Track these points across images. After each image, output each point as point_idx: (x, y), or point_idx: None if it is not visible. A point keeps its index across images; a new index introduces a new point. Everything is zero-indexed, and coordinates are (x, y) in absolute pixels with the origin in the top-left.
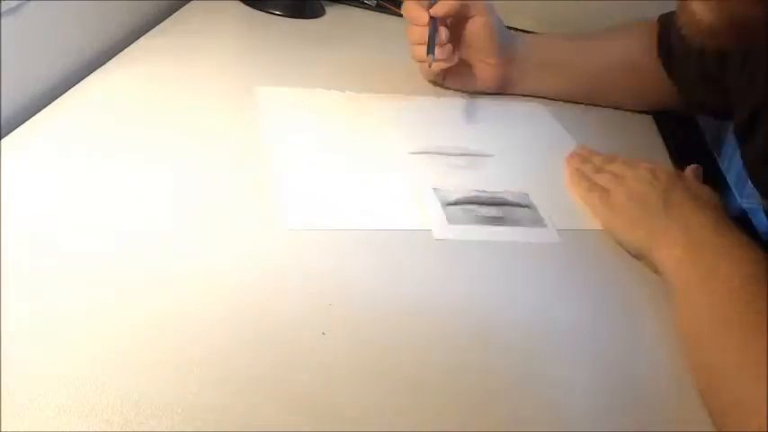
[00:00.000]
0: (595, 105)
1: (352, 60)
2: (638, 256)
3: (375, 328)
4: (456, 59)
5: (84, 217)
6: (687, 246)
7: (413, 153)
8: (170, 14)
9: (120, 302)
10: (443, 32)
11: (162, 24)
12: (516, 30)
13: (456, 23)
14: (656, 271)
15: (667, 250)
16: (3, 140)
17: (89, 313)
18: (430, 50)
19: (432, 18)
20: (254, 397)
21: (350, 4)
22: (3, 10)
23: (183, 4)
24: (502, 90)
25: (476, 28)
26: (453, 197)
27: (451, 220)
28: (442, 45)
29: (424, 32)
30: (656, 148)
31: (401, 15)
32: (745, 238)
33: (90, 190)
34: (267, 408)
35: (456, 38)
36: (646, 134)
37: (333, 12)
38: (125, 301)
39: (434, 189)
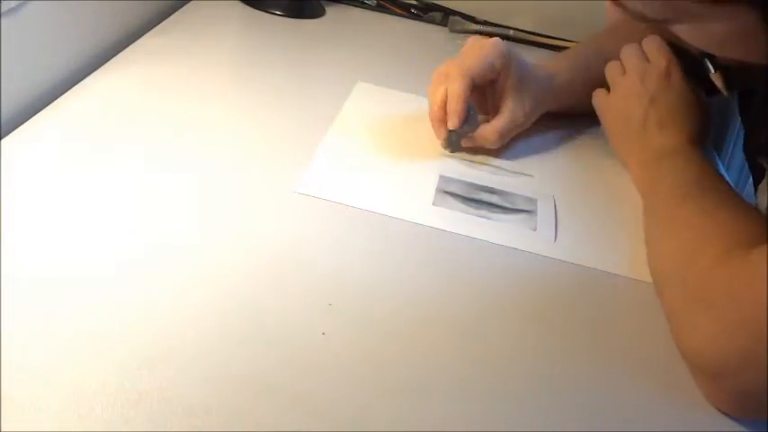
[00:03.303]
0: None
1: (352, 60)
2: (618, 154)
3: (375, 328)
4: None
5: (84, 217)
6: (646, 162)
7: (446, 155)
8: (170, 14)
9: (120, 302)
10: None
11: (162, 24)
12: (516, 30)
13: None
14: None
15: (635, 166)
16: (3, 140)
17: (89, 313)
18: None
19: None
20: (254, 397)
21: (350, 4)
22: (3, 10)
23: (183, 4)
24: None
25: (502, 89)
26: (453, 186)
27: (437, 202)
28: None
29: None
30: None
31: (401, 15)
32: (693, 160)
33: (90, 189)
34: (267, 408)
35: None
36: None
37: (333, 12)
38: (125, 301)
39: (441, 176)
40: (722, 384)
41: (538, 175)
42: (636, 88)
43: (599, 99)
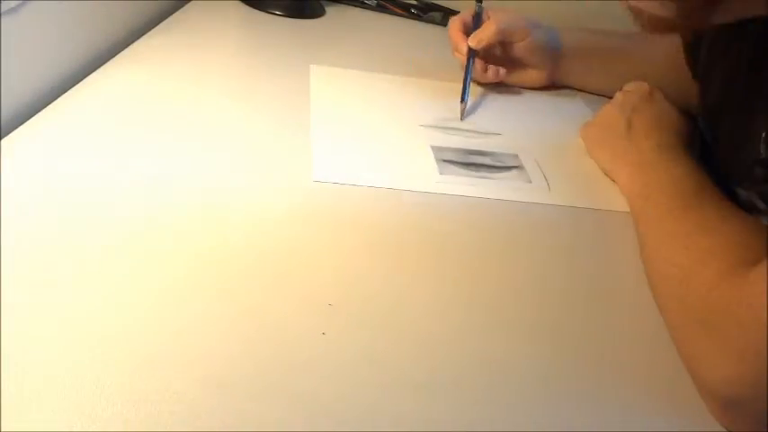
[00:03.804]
0: None
1: (352, 60)
2: (606, 173)
3: (375, 328)
4: (501, 77)
5: (84, 216)
6: (637, 164)
7: (422, 126)
8: (170, 14)
9: (121, 302)
10: (479, 65)
11: (162, 24)
12: None
13: (502, 45)
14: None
15: (623, 169)
16: (3, 140)
17: (89, 313)
18: (463, 97)
19: (470, 48)
20: (254, 397)
21: (350, 4)
22: (3, 10)
23: (183, 4)
24: (551, 84)
25: (521, 51)
26: (448, 154)
27: (443, 170)
28: (478, 75)
29: (463, 61)
30: None
31: (401, 15)
32: (683, 158)
33: (90, 189)
34: (267, 408)
35: (504, 56)
36: None
37: (333, 12)
38: (125, 302)
39: (432, 147)
40: (735, 411)
41: (505, 132)
42: (618, 101)
43: (582, 128)
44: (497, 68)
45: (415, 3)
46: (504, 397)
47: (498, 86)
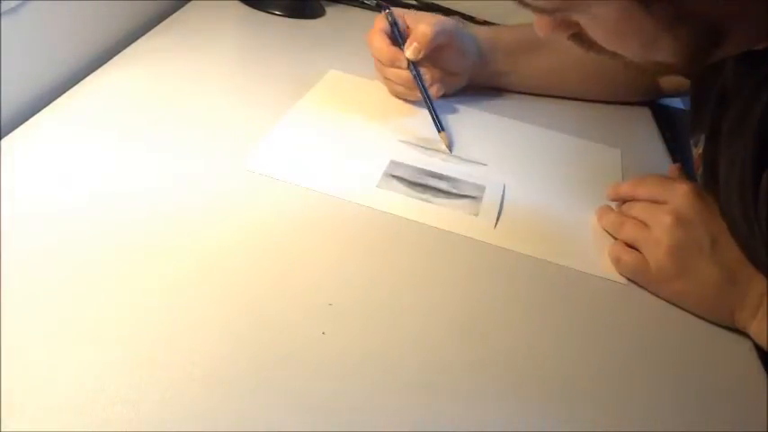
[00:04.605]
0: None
1: (352, 60)
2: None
3: (375, 328)
4: (441, 92)
5: (84, 216)
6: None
7: (401, 141)
8: (170, 14)
9: (121, 302)
10: (428, 74)
11: (162, 24)
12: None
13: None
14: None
15: (754, 321)
16: (3, 140)
17: (89, 313)
18: (438, 125)
19: (411, 62)
20: (254, 397)
21: (350, 4)
22: (3, 10)
23: (183, 4)
24: (471, 86)
25: (451, 56)
26: (400, 170)
27: (382, 184)
28: (428, 86)
29: (402, 75)
30: (652, 141)
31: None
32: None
33: (90, 189)
34: (267, 407)
35: (430, 63)
36: (643, 125)
37: (333, 12)
38: (125, 302)
39: (392, 161)
40: None
41: (492, 163)
42: (677, 225)
43: (634, 265)
44: (437, 82)
45: (415, 3)
46: (504, 397)
47: (501, 113)
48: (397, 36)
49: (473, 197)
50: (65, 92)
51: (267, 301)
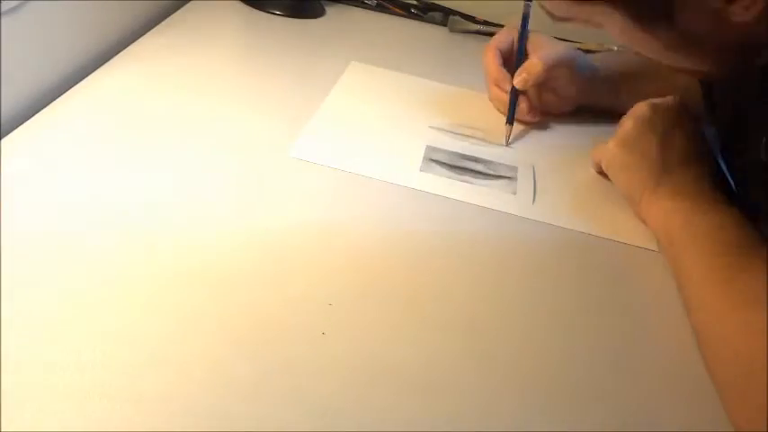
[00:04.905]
0: None
1: (352, 60)
2: (629, 200)
3: (375, 328)
4: (537, 119)
5: (84, 216)
6: (671, 199)
7: (432, 127)
8: (170, 14)
9: (121, 303)
10: (524, 103)
11: (162, 24)
12: None
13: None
14: (642, 220)
15: (655, 203)
16: (3, 140)
17: (89, 313)
18: (509, 120)
19: (513, 87)
20: (254, 397)
21: (350, 4)
22: (3, 10)
23: (183, 4)
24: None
25: (562, 84)
26: (438, 155)
27: (424, 168)
28: (522, 115)
29: (501, 94)
30: None
31: (401, 15)
32: (720, 198)
33: (90, 189)
34: (267, 407)
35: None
36: None
37: (333, 12)
38: (125, 302)
39: (428, 146)
40: None
41: (520, 146)
42: (645, 118)
43: (601, 147)
44: (536, 109)
45: (415, 3)
46: (504, 397)
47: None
48: (519, 53)
49: (508, 177)
50: (65, 92)
51: (267, 300)
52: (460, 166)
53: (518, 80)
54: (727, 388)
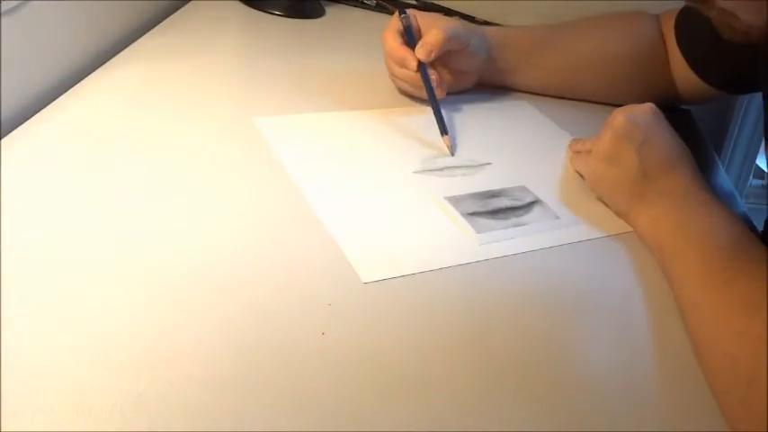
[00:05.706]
0: (580, 100)
1: (351, 61)
2: (618, 214)
3: (375, 328)
4: (444, 95)
5: (84, 216)
6: (659, 207)
7: (416, 173)
8: (170, 14)
9: (120, 302)
10: (434, 76)
11: (162, 24)
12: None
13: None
14: (635, 229)
15: (643, 213)
16: (3, 140)
17: (89, 313)
18: (443, 129)
19: (420, 63)
20: (254, 397)
21: (350, 4)
22: (3, 10)
23: (183, 4)
24: (480, 84)
25: (462, 59)
26: (468, 205)
27: (479, 229)
28: (435, 86)
29: (410, 75)
30: None
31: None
32: (710, 200)
33: (90, 189)
34: (267, 407)
35: (440, 64)
36: None
37: (333, 12)
38: (125, 301)
39: (446, 198)
40: None
41: (494, 161)
42: (621, 128)
43: (578, 158)
44: (443, 84)
45: (414, 3)
46: (504, 397)
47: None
48: (411, 37)
49: (535, 202)
50: (65, 92)
51: (267, 301)
52: (497, 209)
53: (421, 51)
54: (726, 395)
